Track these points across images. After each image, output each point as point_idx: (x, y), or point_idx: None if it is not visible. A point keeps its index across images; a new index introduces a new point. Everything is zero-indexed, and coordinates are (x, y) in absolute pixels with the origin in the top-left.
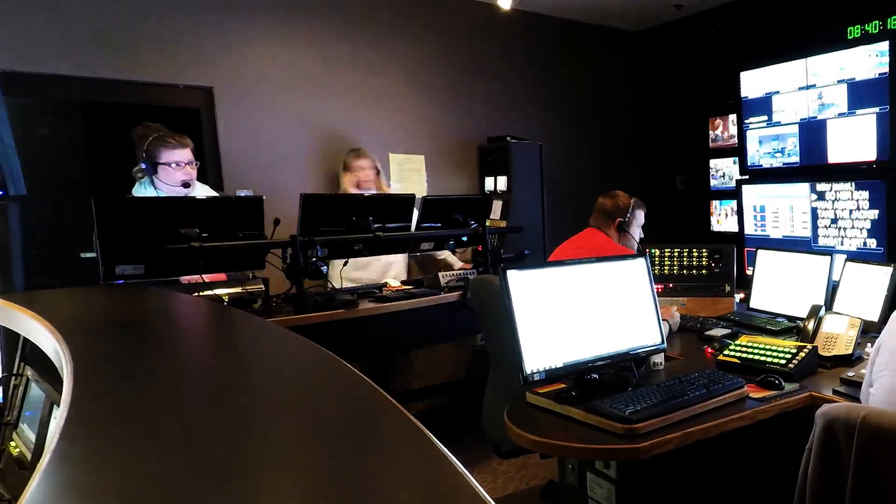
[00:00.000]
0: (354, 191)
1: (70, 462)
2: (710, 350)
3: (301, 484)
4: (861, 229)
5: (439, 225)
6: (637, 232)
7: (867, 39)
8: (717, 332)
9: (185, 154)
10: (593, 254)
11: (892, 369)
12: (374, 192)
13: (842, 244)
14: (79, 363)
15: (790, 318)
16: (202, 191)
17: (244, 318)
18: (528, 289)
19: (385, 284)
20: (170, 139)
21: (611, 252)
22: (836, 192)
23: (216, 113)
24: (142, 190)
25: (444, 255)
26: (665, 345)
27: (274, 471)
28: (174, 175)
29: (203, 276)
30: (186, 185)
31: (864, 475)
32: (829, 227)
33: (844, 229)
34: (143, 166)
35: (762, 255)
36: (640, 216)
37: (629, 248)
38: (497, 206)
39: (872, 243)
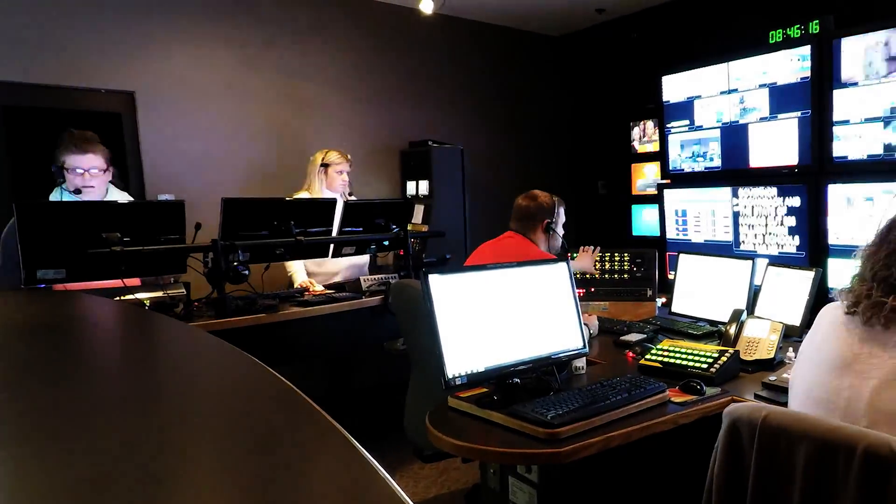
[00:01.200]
0: (329, 194)
1: None
2: (631, 354)
3: (219, 488)
4: (783, 233)
5: (361, 229)
6: (561, 229)
7: (789, 44)
8: (639, 336)
9: (86, 160)
10: (514, 258)
11: (805, 369)
12: (348, 197)
13: (764, 248)
14: None
15: (712, 323)
16: (118, 196)
17: (165, 322)
18: (449, 293)
19: (307, 289)
20: (77, 144)
21: (532, 256)
22: (757, 196)
23: (138, 117)
24: (58, 195)
25: None
26: (587, 349)
27: (193, 475)
28: (72, 180)
29: (123, 280)
30: (78, 191)
31: (764, 473)
32: (751, 231)
33: (766, 233)
34: (53, 169)
35: (684, 259)
36: (562, 214)
37: (555, 250)
38: (419, 210)
39: (794, 247)
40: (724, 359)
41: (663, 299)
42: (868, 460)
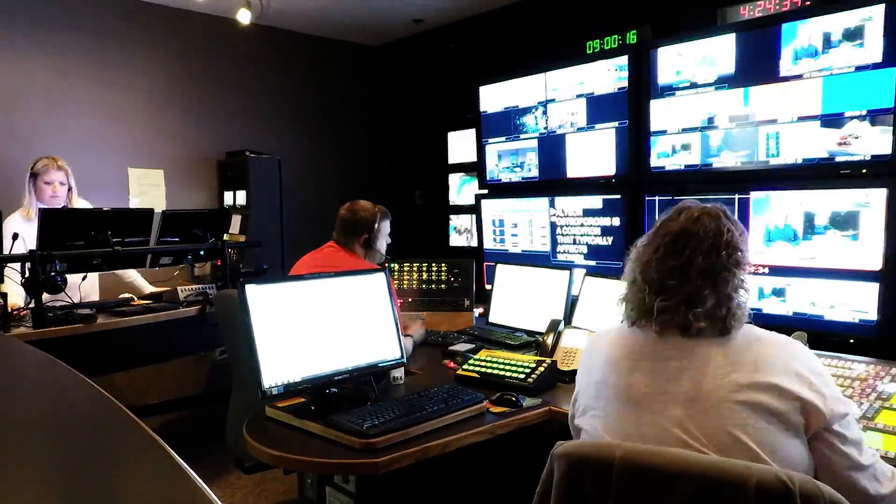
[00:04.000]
0: (40, 205)
1: None
2: (452, 364)
3: (34, 497)
4: (600, 244)
5: (178, 239)
6: (384, 244)
7: (606, 54)
8: (459, 346)
9: None
10: (334, 269)
11: (602, 409)
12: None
13: (581, 258)
14: None
15: (529, 333)
16: None
17: None
18: (267, 303)
19: (128, 300)
20: None
21: (352, 267)
22: (575, 206)
23: None
24: None
25: (132, 276)
26: (405, 359)
27: (6, 485)
28: None
29: None
30: None
31: None
32: (569, 241)
33: (584, 244)
34: None
35: (501, 269)
36: (385, 227)
37: (374, 263)
38: (236, 220)
39: (611, 258)
40: (541, 369)
41: (481, 309)
42: (761, 497)
